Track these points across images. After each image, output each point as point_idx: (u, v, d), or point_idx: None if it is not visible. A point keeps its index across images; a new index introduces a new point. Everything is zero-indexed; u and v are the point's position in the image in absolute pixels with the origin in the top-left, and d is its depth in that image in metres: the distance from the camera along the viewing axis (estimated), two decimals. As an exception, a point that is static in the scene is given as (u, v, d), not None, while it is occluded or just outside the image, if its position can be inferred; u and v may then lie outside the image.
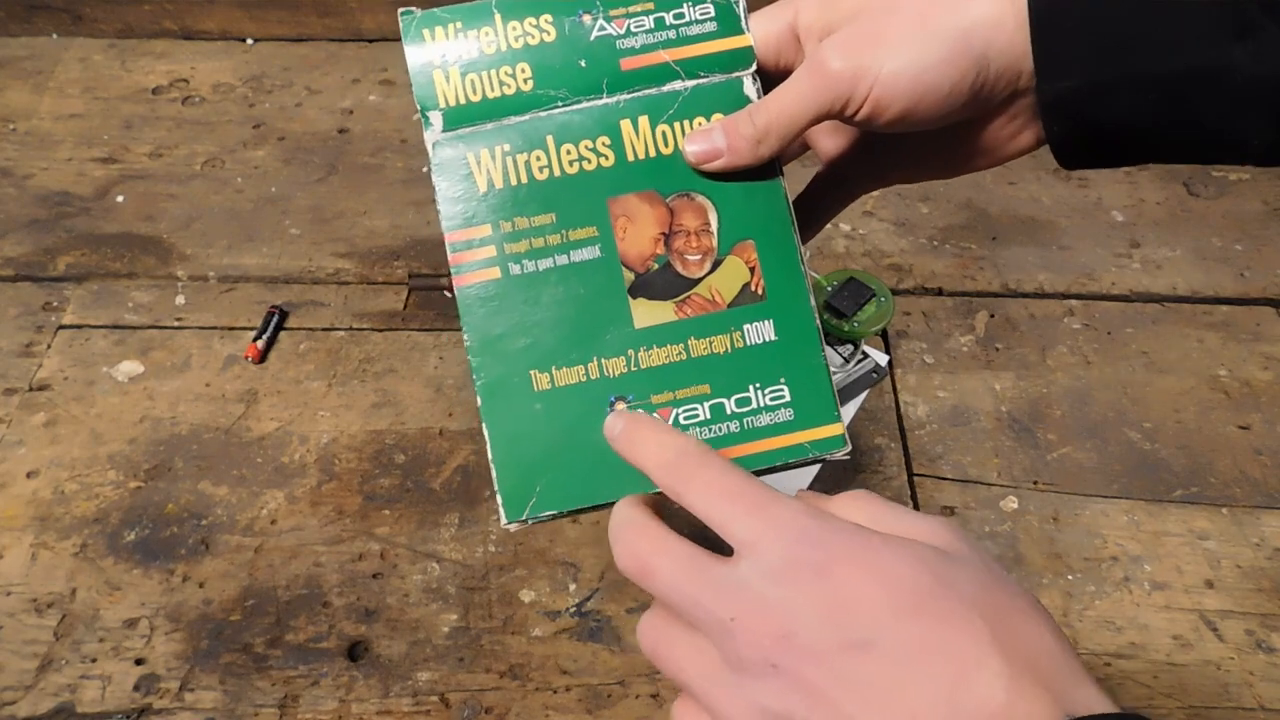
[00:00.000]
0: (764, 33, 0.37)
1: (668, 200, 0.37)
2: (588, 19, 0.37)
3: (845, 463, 0.62)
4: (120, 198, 0.78)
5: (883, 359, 0.66)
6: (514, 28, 0.37)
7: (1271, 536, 0.58)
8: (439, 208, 0.36)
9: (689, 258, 0.37)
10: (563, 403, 0.35)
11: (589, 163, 0.37)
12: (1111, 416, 0.64)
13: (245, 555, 0.57)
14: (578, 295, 0.36)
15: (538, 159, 0.37)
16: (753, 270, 0.37)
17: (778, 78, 0.36)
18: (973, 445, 0.63)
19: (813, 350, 0.36)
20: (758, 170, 0.36)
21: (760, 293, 0.37)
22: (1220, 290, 0.72)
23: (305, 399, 0.65)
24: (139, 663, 0.53)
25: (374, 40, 0.91)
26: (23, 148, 0.81)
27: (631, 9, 0.37)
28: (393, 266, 0.73)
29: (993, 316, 0.70)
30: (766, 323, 0.36)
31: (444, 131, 0.36)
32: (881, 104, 0.33)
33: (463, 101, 0.36)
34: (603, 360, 0.36)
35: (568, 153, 0.37)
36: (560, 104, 0.37)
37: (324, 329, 0.69)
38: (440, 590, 0.56)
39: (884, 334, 0.69)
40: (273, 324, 0.68)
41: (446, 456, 0.62)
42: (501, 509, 0.35)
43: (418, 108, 0.36)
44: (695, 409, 0.36)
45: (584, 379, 0.36)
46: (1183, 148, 0.34)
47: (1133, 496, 0.60)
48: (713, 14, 0.37)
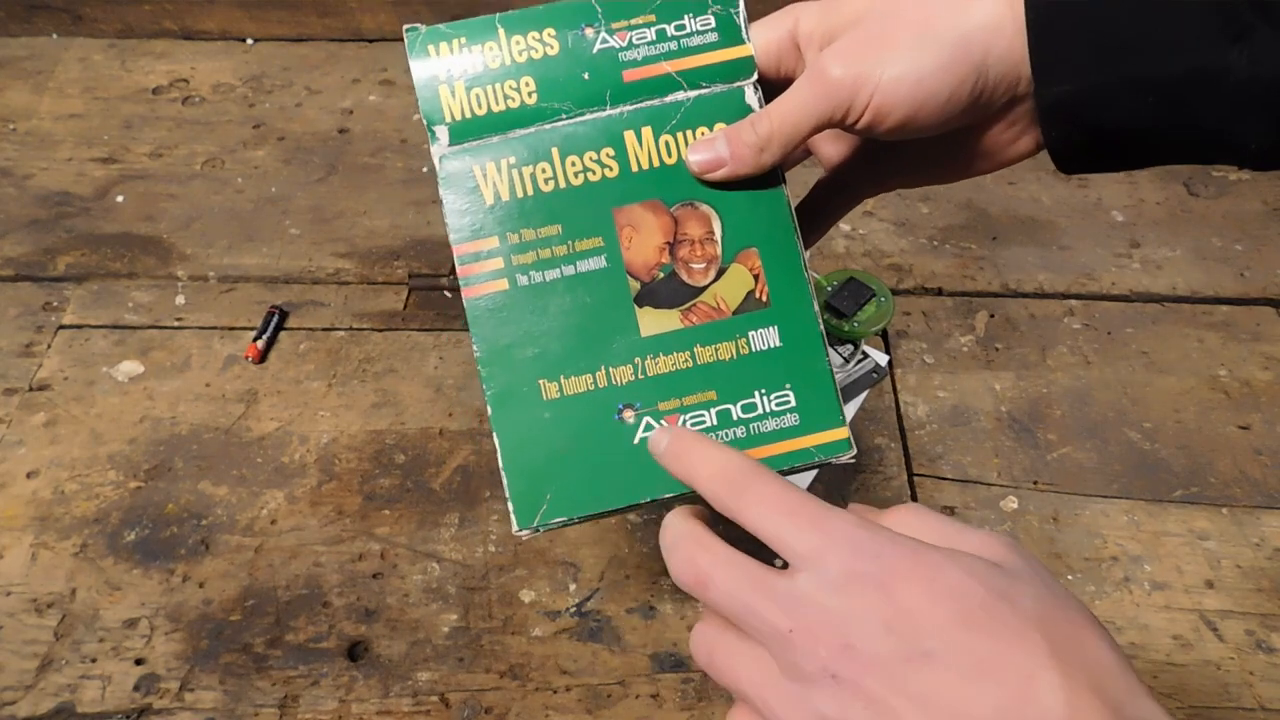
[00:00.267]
0: (764, 41, 0.37)
1: (672, 209, 0.37)
2: (590, 32, 0.37)
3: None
4: (120, 198, 0.78)
5: (883, 359, 0.66)
6: (517, 42, 0.37)
7: (1271, 536, 0.58)
8: (446, 221, 0.37)
9: (694, 266, 0.37)
10: (571, 411, 0.36)
11: (594, 174, 0.37)
12: (1111, 416, 0.64)
13: (245, 555, 0.57)
14: (585, 305, 0.36)
15: (543, 171, 0.37)
16: (757, 277, 0.37)
17: (779, 86, 0.36)
18: (973, 445, 0.63)
19: (817, 355, 0.37)
20: (760, 178, 0.37)
21: (764, 300, 0.37)
22: (1220, 290, 0.72)
23: (305, 399, 0.65)
24: (139, 663, 0.53)
25: (374, 40, 0.91)
26: (23, 148, 0.81)
27: (633, 21, 0.37)
28: (393, 266, 0.73)
29: (993, 316, 0.70)
30: (771, 329, 0.37)
31: (450, 145, 0.37)
32: (882, 111, 0.34)
33: (468, 115, 0.37)
34: (610, 369, 0.36)
35: (572, 164, 0.37)
36: (564, 116, 0.37)
37: (324, 329, 0.69)
38: (440, 590, 0.56)
39: (884, 334, 0.69)
40: (273, 324, 0.68)
41: (446, 456, 0.62)
42: (513, 516, 0.35)
43: (424, 122, 0.37)
44: (702, 415, 0.36)
45: (592, 387, 0.36)
46: (1180, 150, 0.34)
47: (1133, 496, 0.60)
48: (713, 25, 0.37)
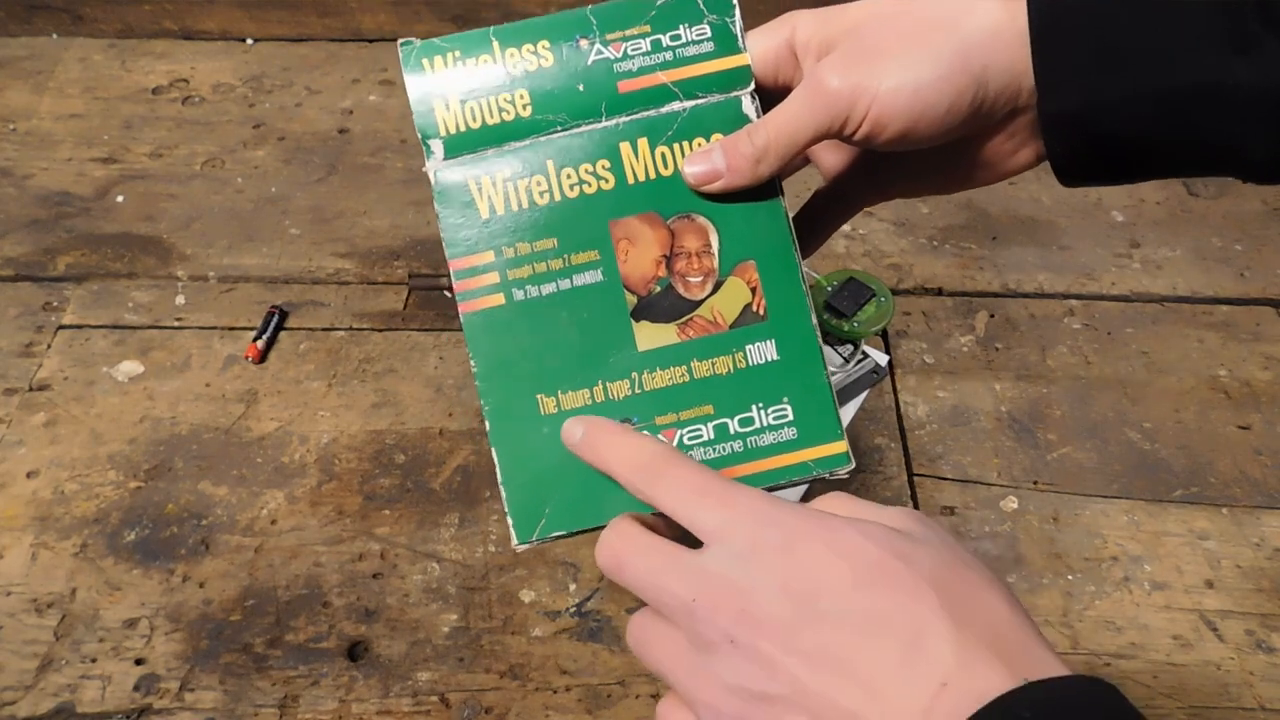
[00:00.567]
0: (762, 50, 0.37)
1: (668, 222, 0.37)
2: (585, 43, 0.37)
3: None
4: (120, 198, 0.78)
5: (883, 359, 0.66)
6: (512, 54, 0.37)
7: (1271, 536, 0.58)
8: (442, 235, 0.37)
9: (690, 279, 0.37)
10: None
11: (589, 186, 0.37)
12: (1111, 416, 0.64)
13: (245, 555, 0.57)
14: (581, 319, 0.36)
15: (538, 184, 0.37)
16: (754, 291, 0.37)
17: (776, 95, 0.36)
18: (973, 445, 0.63)
19: (815, 369, 0.37)
20: (758, 190, 0.37)
21: (762, 313, 0.37)
22: (1220, 290, 0.72)
23: (305, 399, 0.65)
24: (139, 663, 0.53)
25: (374, 40, 0.91)
26: (23, 148, 0.81)
27: (628, 32, 0.37)
28: (393, 266, 0.73)
29: (993, 316, 0.70)
30: (768, 343, 0.37)
31: (445, 159, 0.37)
32: (880, 122, 0.33)
33: (463, 129, 0.37)
34: (607, 383, 0.36)
35: (568, 177, 0.37)
36: (559, 128, 0.37)
37: (324, 329, 0.69)
38: (440, 590, 0.56)
39: (884, 334, 0.69)
40: (273, 324, 0.68)
41: (446, 456, 0.62)
42: (512, 531, 0.35)
43: (419, 136, 0.36)
44: (699, 429, 0.36)
45: (589, 402, 0.36)
46: (1185, 163, 0.34)
47: (1133, 496, 0.60)
48: (709, 34, 0.37)
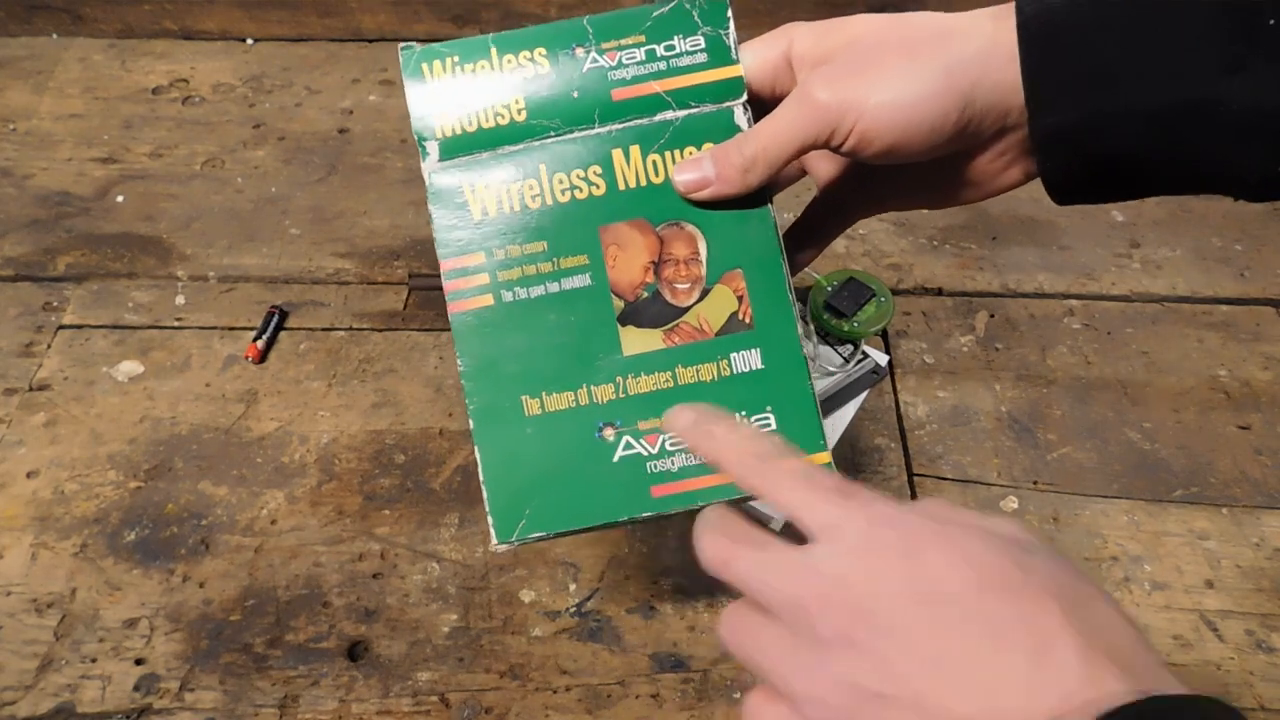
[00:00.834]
0: (759, 61, 0.37)
1: (658, 229, 0.37)
2: (580, 52, 0.37)
3: (846, 463, 0.62)
4: (120, 198, 0.78)
5: (883, 359, 0.66)
6: (509, 61, 0.37)
7: (1271, 536, 0.58)
8: (435, 236, 0.37)
9: (678, 286, 0.37)
10: (553, 428, 0.36)
11: (580, 191, 0.37)
12: (1111, 416, 0.64)
13: (245, 555, 0.57)
14: (568, 323, 0.37)
15: (531, 188, 0.37)
16: (741, 299, 0.37)
17: (773, 106, 0.36)
18: (973, 445, 0.63)
19: (799, 380, 0.37)
20: (747, 199, 0.37)
21: (748, 322, 0.37)
22: (1220, 290, 0.72)
23: (305, 399, 0.65)
24: (139, 663, 0.53)
25: (374, 40, 0.91)
26: (23, 148, 0.81)
27: (623, 41, 0.37)
28: (393, 266, 0.73)
29: (993, 316, 0.70)
30: (754, 351, 0.37)
31: (440, 161, 0.37)
32: (867, 136, 0.34)
33: (459, 132, 0.37)
34: (592, 387, 0.36)
35: (560, 182, 0.37)
36: (553, 134, 0.37)
37: (324, 329, 0.69)
38: (440, 590, 0.56)
39: (884, 334, 0.69)
40: (273, 324, 0.68)
41: (446, 456, 0.62)
42: (492, 530, 0.36)
43: (416, 139, 0.37)
44: None
45: (574, 405, 0.36)
46: (1177, 181, 0.34)
47: (1133, 496, 0.60)
48: (703, 45, 0.37)
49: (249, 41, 0.91)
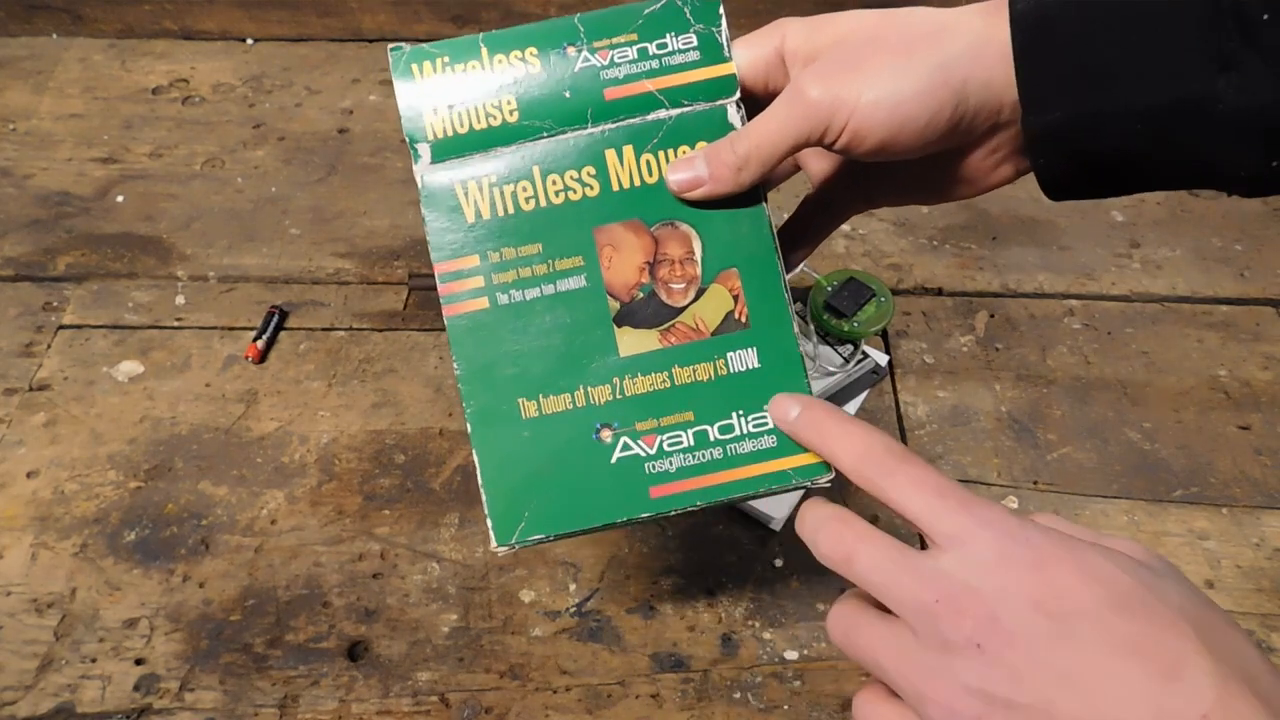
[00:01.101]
0: (752, 57, 0.37)
1: (652, 229, 0.37)
2: (572, 51, 0.37)
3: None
4: (120, 198, 0.78)
5: (883, 359, 0.66)
6: (500, 61, 0.37)
7: (1271, 536, 0.58)
8: (429, 239, 0.37)
9: (673, 286, 0.37)
10: (550, 430, 0.36)
11: (574, 193, 0.37)
12: (1111, 416, 0.64)
13: (245, 555, 0.57)
14: (564, 324, 0.37)
15: (524, 189, 0.37)
16: (736, 298, 0.37)
17: (766, 102, 0.36)
18: (973, 445, 0.63)
19: (796, 377, 0.37)
20: (741, 198, 0.37)
21: (744, 321, 0.37)
22: (1220, 290, 0.72)
23: (305, 399, 0.65)
24: (139, 663, 0.53)
25: (374, 40, 0.91)
26: (23, 148, 0.81)
27: (615, 40, 0.37)
28: (393, 266, 0.73)
29: (993, 316, 0.70)
30: (750, 350, 0.37)
31: (432, 163, 0.37)
32: (860, 134, 0.34)
33: (450, 134, 0.37)
34: (589, 389, 0.36)
35: (553, 183, 0.37)
36: (546, 135, 0.37)
37: (324, 329, 0.69)
38: (440, 590, 0.56)
39: (884, 334, 0.69)
40: (273, 324, 0.68)
41: (446, 456, 0.62)
42: (492, 533, 0.36)
43: (407, 141, 0.37)
44: (679, 436, 0.36)
45: (570, 407, 0.36)
46: (1170, 178, 0.34)
47: (1133, 496, 0.60)
48: (695, 43, 0.37)
49: (249, 41, 0.91)
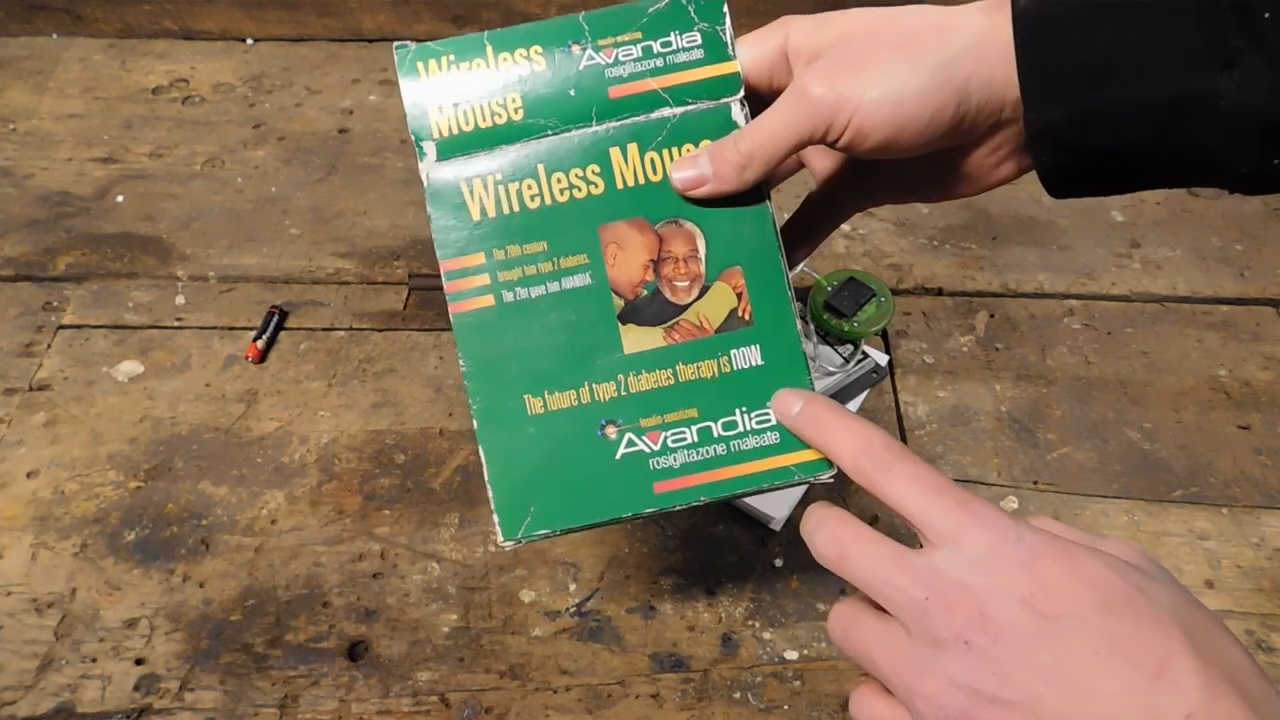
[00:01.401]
0: (756, 55, 0.37)
1: (656, 227, 0.37)
2: (577, 49, 0.37)
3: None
4: (120, 198, 0.78)
5: (883, 359, 0.66)
6: (505, 59, 0.37)
7: (1271, 536, 0.58)
8: (434, 237, 0.37)
9: (677, 284, 0.37)
10: (555, 426, 0.36)
11: (579, 191, 0.37)
12: (1111, 416, 0.64)
13: (245, 555, 0.57)
14: (569, 322, 0.37)
15: (529, 187, 0.37)
16: (740, 296, 0.37)
17: (770, 100, 0.36)
18: (973, 445, 0.63)
19: (799, 375, 0.37)
20: (745, 196, 0.37)
21: (747, 318, 0.37)
22: (1220, 290, 0.72)
23: (305, 399, 0.65)
24: (139, 663, 0.53)
25: (374, 40, 0.91)
26: (23, 148, 0.81)
27: (620, 38, 0.37)
28: (393, 266, 0.73)
29: (993, 316, 0.70)
30: (753, 348, 0.37)
31: (437, 161, 0.37)
32: (862, 132, 0.34)
33: (455, 132, 0.37)
34: (593, 385, 0.37)
35: (558, 181, 0.37)
36: (550, 133, 0.37)
37: (324, 329, 0.69)
38: (440, 590, 0.56)
39: (884, 334, 0.69)
40: (273, 324, 0.68)
41: (446, 456, 0.62)
42: (498, 529, 0.36)
43: (412, 138, 0.37)
44: (683, 433, 0.36)
45: (575, 403, 0.37)
46: (1171, 174, 0.34)
47: (1133, 496, 0.60)
48: (700, 42, 0.37)
49: (249, 41, 0.91)
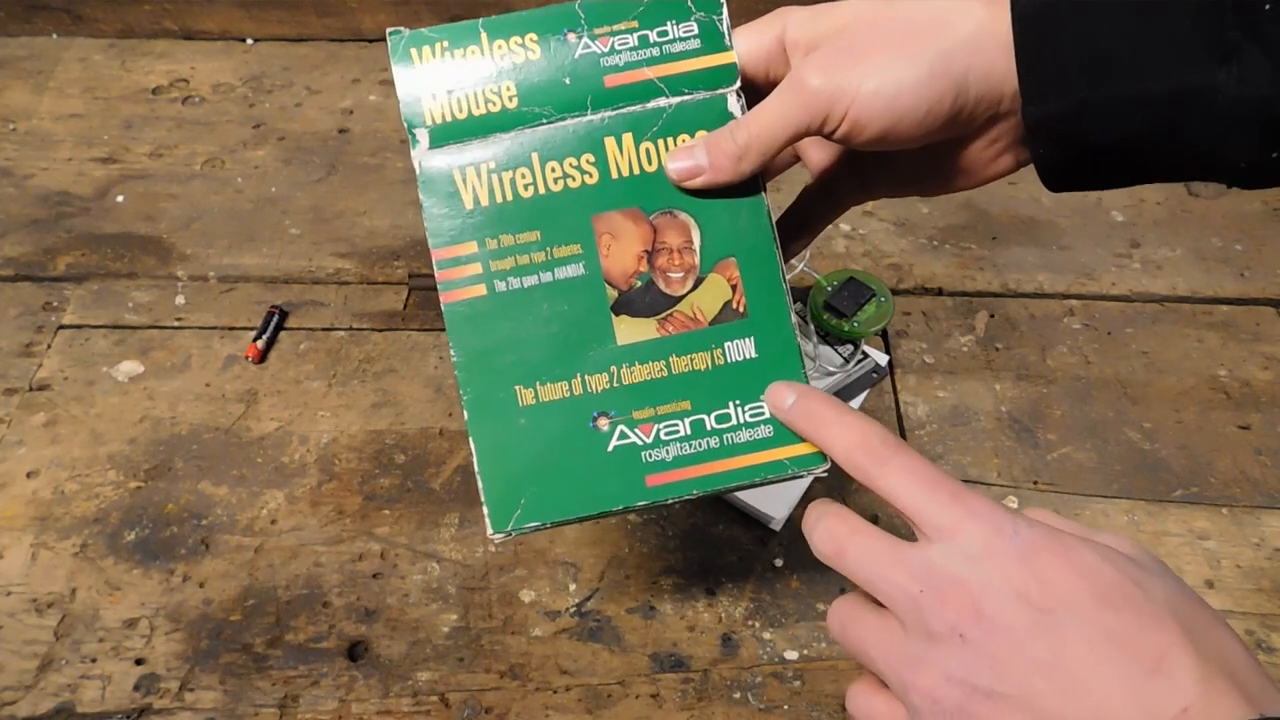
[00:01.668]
0: (753, 46, 0.37)
1: (651, 218, 0.37)
2: (572, 37, 0.37)
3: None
4: (120, 198, 0.78)
5: (883, 359, 0.66)
6: (499, 46, 0.37)
7: (1271, 536, 0.58)
8: (426, 225, 0.37)
9: (671, 275, 0.37)
10: (547, 418, 0.36)
11: (573, 180, 0.37)
12: (1111, 416, 0.64)
13: (245, 555, 0.57)
14: (562, 312, 0.37)
15: (523, 176, 0.37)
16: (734, 288, 0.37)
17: (767, 91, 0.36)
18: (973, 445, 0.63)
19: (793, 368, 0.37)
20: (740, 187, 0.37)
21: (742, 310, 0.37)
22: (1220, 290, 0.72)
23: (305, 399, 0.65)
24: (139, 663, 0.53)
25: (374, 40, 0.91)
26: (23, 148, 0.81)
27: (616, 27, 0.37)
28: (393, 266, 0.73)
29: (993, 316, 0.70)
30: (747, 340, 0.37)
31: (430, 149, 0.37)
32: (859, 123, 0.34)
33: (449, 119, 0.37)
34: (586, 377, 0.36)
35: (552, 170, 0.37)
36: (545, 121, 0.37)
37: (324, 329, 0.69)
38: (440, 590, 0.56)
39: (884, 334, 0.69)
40: (273, 324, 0.68)
41: (446, 456, 0.62)
42: (488, 520, 0.36)
43: (405, 126, 0.37)
44: (676, 425, 0.36)
45: (567, 395, 0.36)
46: (1170, 168, 0.34)
47: (1133, 496, 0.60)
48: (696, 31, 0.37)
49: (249, 41, 0.91)
